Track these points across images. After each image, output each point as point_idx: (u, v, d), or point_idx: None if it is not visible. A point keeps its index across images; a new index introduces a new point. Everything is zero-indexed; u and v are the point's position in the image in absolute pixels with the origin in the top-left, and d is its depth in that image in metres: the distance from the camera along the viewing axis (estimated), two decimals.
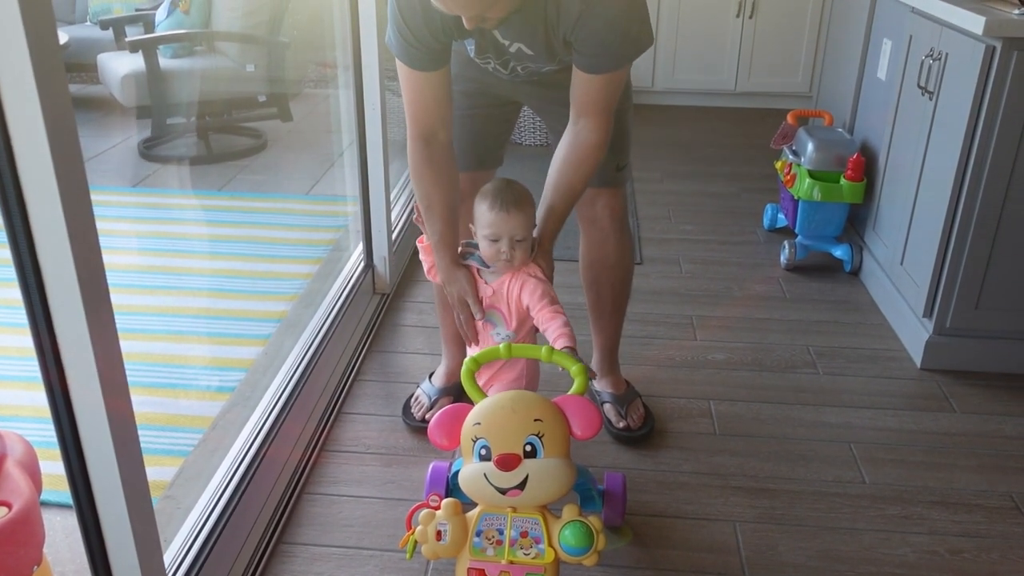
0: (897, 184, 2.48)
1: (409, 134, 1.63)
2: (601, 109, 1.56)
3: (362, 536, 1.65)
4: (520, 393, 1.36)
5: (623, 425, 1.95)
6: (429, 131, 1.61)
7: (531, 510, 1.30)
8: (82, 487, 1.13)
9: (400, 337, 2.38)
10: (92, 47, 3.99)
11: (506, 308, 1.56)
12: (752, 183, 3.60)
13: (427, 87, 1.57)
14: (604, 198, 1.82)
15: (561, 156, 1.60)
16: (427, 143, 1.61)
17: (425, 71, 1.55)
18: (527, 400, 1.33)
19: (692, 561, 1.61)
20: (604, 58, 1.50)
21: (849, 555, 1.62)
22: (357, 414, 2.03)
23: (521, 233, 1.51)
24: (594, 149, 1.58)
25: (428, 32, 1.49)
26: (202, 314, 2.56)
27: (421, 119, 1.61)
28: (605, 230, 1.85)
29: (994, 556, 1.63)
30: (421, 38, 1.50)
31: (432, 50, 1.52)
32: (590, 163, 1.59)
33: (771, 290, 2.68)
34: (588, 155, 1.58)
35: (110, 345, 1.08)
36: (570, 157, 1.59)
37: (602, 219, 1.84)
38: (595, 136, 1.57)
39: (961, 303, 2.15)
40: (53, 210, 0.96)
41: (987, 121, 1.97)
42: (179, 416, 2.06)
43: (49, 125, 0.92)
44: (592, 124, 1.56)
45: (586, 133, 1.57)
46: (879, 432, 1.99)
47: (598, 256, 1.89)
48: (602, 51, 1.49)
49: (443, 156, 1.63)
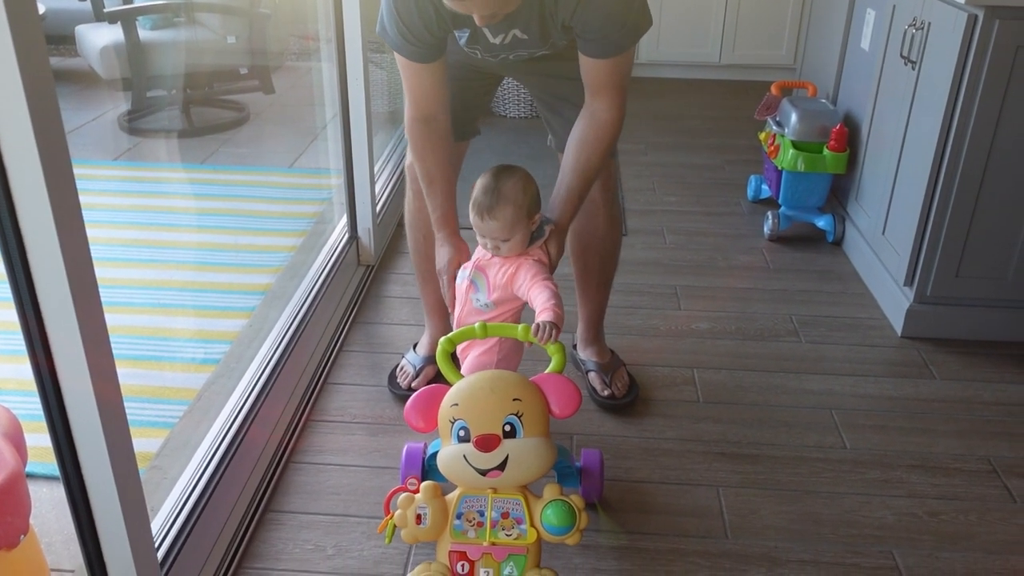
0: (880, 154, 2.50)
1: (409, 115, 1.67)
2: (613, 86, 1.59)
3: (349, 504, 1.66)
4: (498, 373, 1.36)
5: (608, 393, 1.97)
6: (430, 114, 1.65)
7: (512, 490, 1.30)
8: (69, 458, 1.13)
9: (385, 308, 2.38)
10: (70, 19, 3.92)
11: (492, 278, 1.56)
12: (736, 155, 3.60)
13: (426, 75, 1.62)
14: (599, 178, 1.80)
15: (578, 136, 1.63)
16: (427, 123, 1.65)
17: (423, 63, 1.59)
18: (505, 380, 1.32)
19: (676, 525, 1.63)
20: (606, 44, 1.53)
21: (830, 518, 1.65)
22: (343, 384, 2.03)
23: (503, 234, 1.50)
24: (610, 127, 1.61)
25: (423, 26, 1.52)
26: (186, 287, 2.55)
27: (421, 103, 1.65)
28: (596, 203, 1.84)
29: (972, 518, 1.66)
30: (417, 34, 1.53)
31: (427, 44, 1.56)
32: (607, 141, 1.62)
33: (754, 260, 2.70)
34: (605, 133, 1.61)
35: (95, 318, 1.08)
36: (587, 136, 1.62)
37: (593, 192, 1.81)
38: (610, 114, 1.60)
39: (941, 272, 2.18)
40: (36, 184, 0.96)
41: (968, 90, 1.98)
42: (164, 388, 2.05)
43: (30, 97, 0.91)
44: (606, 103, 1.60)
45: (601, 112, 1.60)
46: (860, 399, 2.02)
47: (588, 228, 1.89)
48: (602, 38, 1.52)
49: (443, 135, 1.67)
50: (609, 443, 1.84)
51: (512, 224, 1.50)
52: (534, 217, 1.53)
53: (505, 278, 1.54)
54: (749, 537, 1.60)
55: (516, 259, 1.54)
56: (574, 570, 1.50)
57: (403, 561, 1.52)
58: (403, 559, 1.53)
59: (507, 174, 1.53)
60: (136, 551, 1.21)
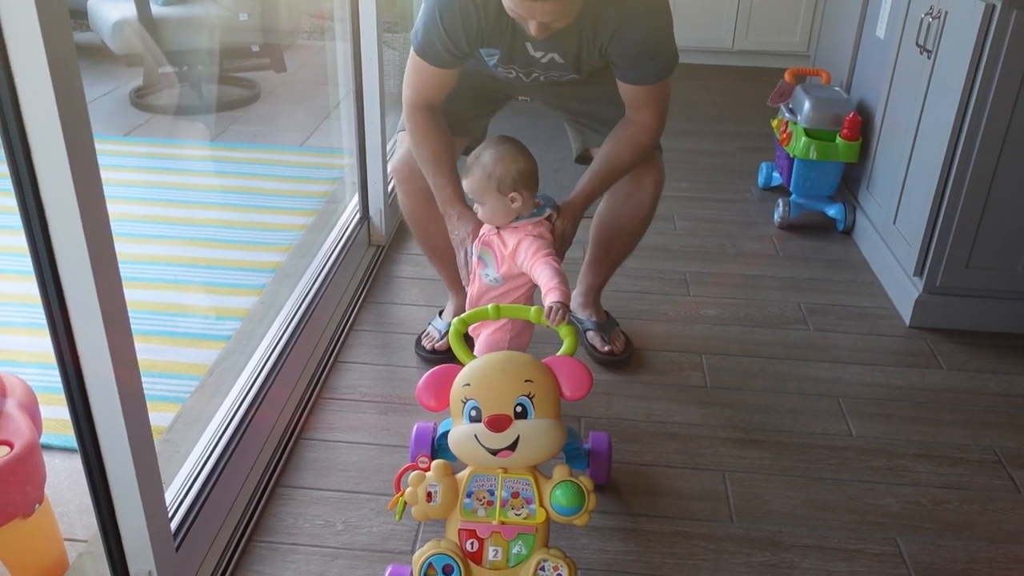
0: (892, 144, 2.49)
1: (409, 104, 1.72)
2: (653, 104, 1.70)
3: (359, 480, 1.67)
4: (510, 354, 1.37)
5: (607, 350, 2.04)
6: (432, 103, 1.72)
7: (522, 471, 1.31)
8: (86, 429, 1.15)
9: (395, 289, 2.39)
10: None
11: (498, 252, 1.59)
12: (747, 142, 3.59)
13: (438, 79, 1.69)
14: (653, 174, 1.87)
15: (615, 132, 1.73)
16: (429, 110, 1.71)
17: (441, 68, 1.65)
18: (517, 361, 1.33)
19: (682, 508, 1.64)
20: (640, 73, 1.64)
21: (835, 504, 1.66)
22: (353, 363, 2.04)
23: (475, 196, 1.57)
24: (647, 130, 1.72)
25: (464, 38, 1.58)
26: (197, 263, 2.56)
27: (424, 92, 1.71)
28: (645, 204, 1.89)
29: (975, 507, 1.67)
30: (456, 43, 1.59)
31: (454, 55, 1.62)
32: (642, 142, 1.72)
33: (764, 248, 2.70)
34: (641, 134, 1.72)
35: (115, 291, 1.10)
36: (623, 133, 1.73)
37: (647, 191, 1.87)
38: (649, 122, 1.72)
39: (952, 262, 2.18)
40: (59, 159, 0.97)
41: (984, 80, 1.98)
42: (175, 363, 2.07)
43: (54, 72, 0.92)
44: (645, 114, 1.71)
45: (641, 118, 1.71)
46: (867, 387, 2.02)
47: (626, 221, 1.92)
48: (637, 67, 1.63)
49: (442, 119, 1.74)
50: (617, 426, 1.85)
51: (481, 190, 1.56)
52: (510, 194, 1.54)
53: (508, 251, 1.57)
54: (754, 521, 1.62)
55: (517, 233, 1.57)
56: (581, 550, 1.52)
57: (412, 538, 1.54)
58: (412, 536, 1.55)
59: (497, 144, 1.58)
60: (151, 522, 1.23)
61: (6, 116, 0.95)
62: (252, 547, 1.51)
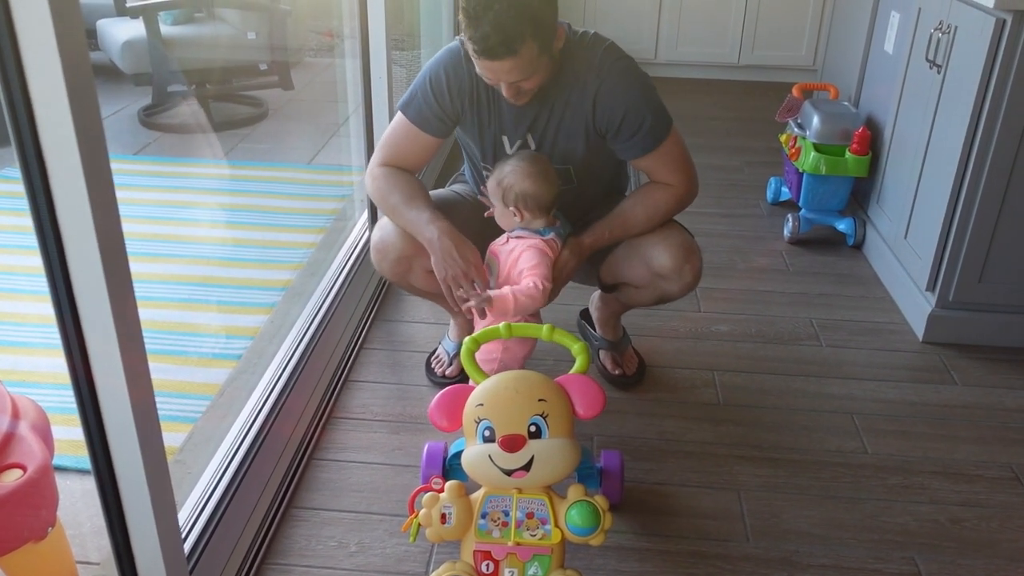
0: (902, 158, 2.48)
1: (376, 162, 1.73)
2: (667, 169, 1.68)
3: (372, 501, 1.66)
4: (523, 373, 1.36)
5: (619, 372, 2.04)
6: (398, 167, 1.72)
7: (536, 491, 1.30)
8: (100, 451, 1.14)
9: (405, 306, 2.38)
10: (91, 12, 3.93)
11: (503, 261, 1.63)
12: (755, 156, 3.59)
13: (417, 142, 1.70)
14: (693, 262, 1.73)
15: (642, 187, 1.74)
16: (393, 168, 1.72)
17: (424, 131, 1.67)
18: (530, 380, 1.33)
19: (697, 528, 1.63)
20: (639, 137, 1.63)
21: (851, 523, 1.65)
22: (364, 382, 2.04)
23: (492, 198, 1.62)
24: (662, 190, 1.70)
25: (448, 94, 1.63)
26: (206, 282, 2.56)
27: (393, 159, 1.72)
28: (681, 289, 1.77)
29: (994, 525, 1.65)
30: (440, 97, 1.63)
31: (435, 115, 1.65)
32: (654, 198, 1.70)
33: (774, 263, 2.69)
34: (655, 194, 1.70)
35: (129, 310, 1.10)
36: (640, 190, 1.73)
37: (687, 279, 1.75)
38: (669, 182, 1.69)
39: (964, 276, 2.16)
40: (75, 175, 0.96)
41: (996, 94, 1.97)
42: (186, 383, 2.06)
43: (71, 92, 0.92)
44: (666, 178, 1.69)
45: (663, 183, 1.70)
46: (881, 404, 2.01)
47: (664, 290, 1.79)
48: (632, 132, 1.62)
49: (410, 174, 1.74)
50: (629, 444, 1.84)
51: (491, 191, 1.63)
52: (511, 207, 1.62)
53: (512, 258, 1.61)
54: (770, 541, 1.60)
55: (524, 242, 1.61)
56: (596, 571, 1.50)
57: (425, 559, 1.53)
58: (425, 557, 1.53)
59: (521, 159, 1.62)
60: (164, 545, 1.22)
61: (23, 136, 0.94)
62: (265, 570, 1.50)
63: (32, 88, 0.92)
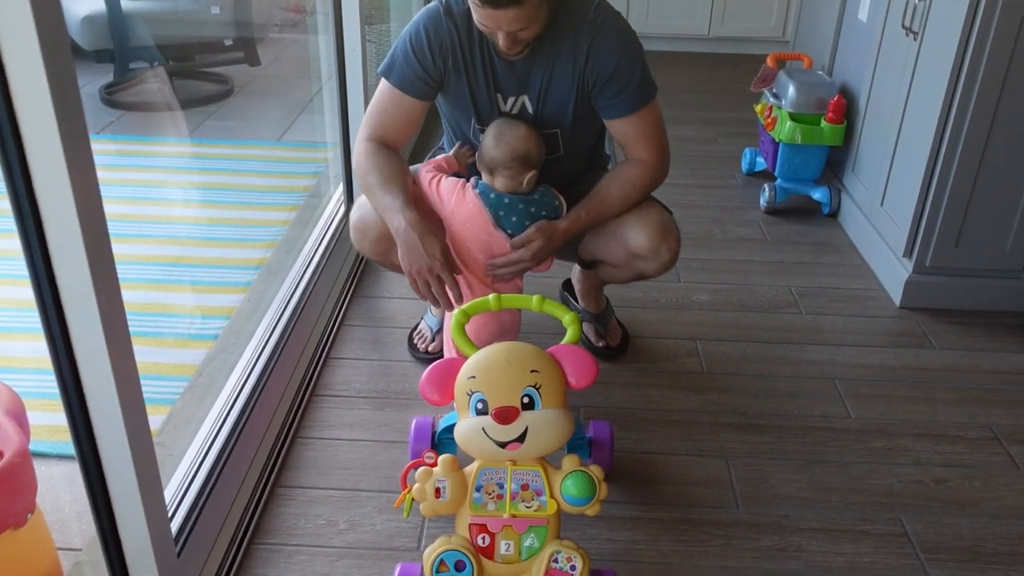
0: (878, 126, 2.49)
1: (362, 137, 1.68)
2: (648, 138, 1.66)
3: (359, 478, 1.64)
4: (515, 345, 1.34)
5: (603, 344, 2.03)
6: (385, 140, 1.67)
7: (531, 462, 1.29)
8: (84, 434, 1.11)
9: (384, 282, 2.35)
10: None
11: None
12: (728, 127, 3.59)
13: (402, 108, 1.66)
14: (670, 243, 1.71)
15: (614, 169, 1.70)
16: (381, 144, 1.67)
17: (409, 94, 1.63)
18: (522, 352, 1.31)
19: (687, 495, 1.63)
20: (625, 96, 1.61)
21: (839, 486, 1.66)
22: (346, 359, 2.01)
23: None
24: (648, 167, 1.67)
25: (430, 53, 1.59)
26: (179, 262, 2.50)
27: (380, 129, 1.67)
28: (659, 269, 1.75)
29: (976, 484, 1.68)
30: (422, 58, 1.60)
31: (419, 77, 1.61)
32: (641, 180, 1.67)
33: (752, 233, 2.70)
34: (630, 171, 1.67)
35: (112, 291, 1.06)
36: (615, 169, 1.69)
37: (664, 259, 1.73)
38: (648, 158, 1.67)
39: (941, 242, 2.19)
40: (54, 156, 0.95)
41: (973, 60, 1.98)
42: (163, 364, 2.02)
43: (50, 73, 0.89)
44: (643, 151, 1.67)
45: (640, 156, 1.67)
46: (862, 368, 2.03)
47: (640, 270, 1.78)
48: (618, 89, 1.60)
49: (395, 152, 1.68)
50: (616, 415, 1.84)
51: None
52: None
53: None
54: (760, 506, 1.61)
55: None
56: (588, 541, 1.50)
57: (417, 535, 1.52)
58: (417, 533, 1.52)
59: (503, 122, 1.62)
60: (152, 528, 1.20)
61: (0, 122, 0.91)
62: (254, 550, 1.48)
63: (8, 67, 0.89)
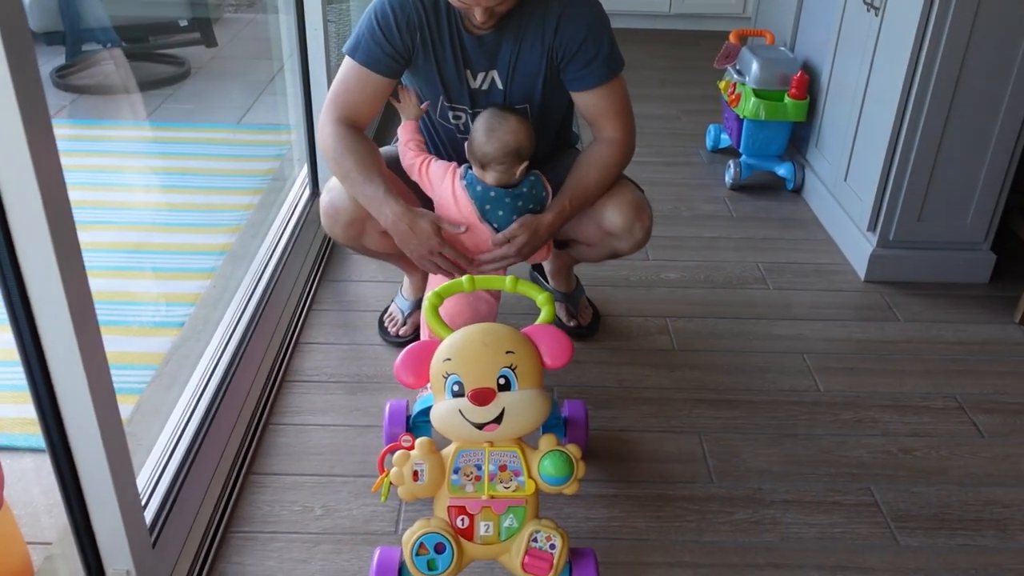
0: (841, 101, 2.52)
1: (329, 119, 1.63)
2: (615, 112, 1.64)
3: (334, 463, 1.63)
4: (490, 326, 1.34)
5: (574, 324, 2.04)
6: (352, 121, 1.63)
7: (508, 443, 1.28)
8: (54, 424, 1.08)
9: (351, 265, 2.33)
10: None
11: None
12: (691, 105, 3.60)
13: (369, 87, 1.62)
14: (643, 220, 1.73)
15: (583, 154, 1.68)
16: (349, 126, 1.63)
17: (376, 71, 1.60)
18: (497, 333, 1.30)
19: (662, 472, 1.65)
20: (593, 68, 1.59)
21: (809, 458, 1.69)
22: (316, 344, 1.99)
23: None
24: (616, 145, 1.65)
25: (396, 28, 1.56)
26: (140, 248, 2.45)
27: (346, 108, 1.63)
28: (632, 247, 1.77)
29: (943, 453, 1.71)
30: (389, 33, 1.56)
31: (385, 53, 1.58)
32: (612, 159, 1.65)
33: (718, 209, 2.72)
34: (604, 151, 1.65)
35: (79, 279, 1.04)
36: (587, 151, 1.67)
37: (638, 237, 1.75)
38: (615, 135, 1.65)
39: (904, 216, 2.22)
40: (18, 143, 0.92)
41: (934, 36, 2.00)
42: (128, 353, 1.98)
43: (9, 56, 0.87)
44: (610, 127, 1.65)
45: (605, 137, 1.65)
46: (829, 342, 2.06)
47: (613, 248, 1.80)
48: (587, 61, 1.58)
49: (364, 134, 1.66)
50: (590, 393, 1.84)
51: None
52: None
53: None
54: (733, 480, 1.63)
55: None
56: (567, 519, 1.51)
57: (394, 519, 1.51)
58: (394, 516, 1.51)
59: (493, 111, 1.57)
60: (127, 519, 1.18)
61: None
62: (230, 538, 1.46)
63: None
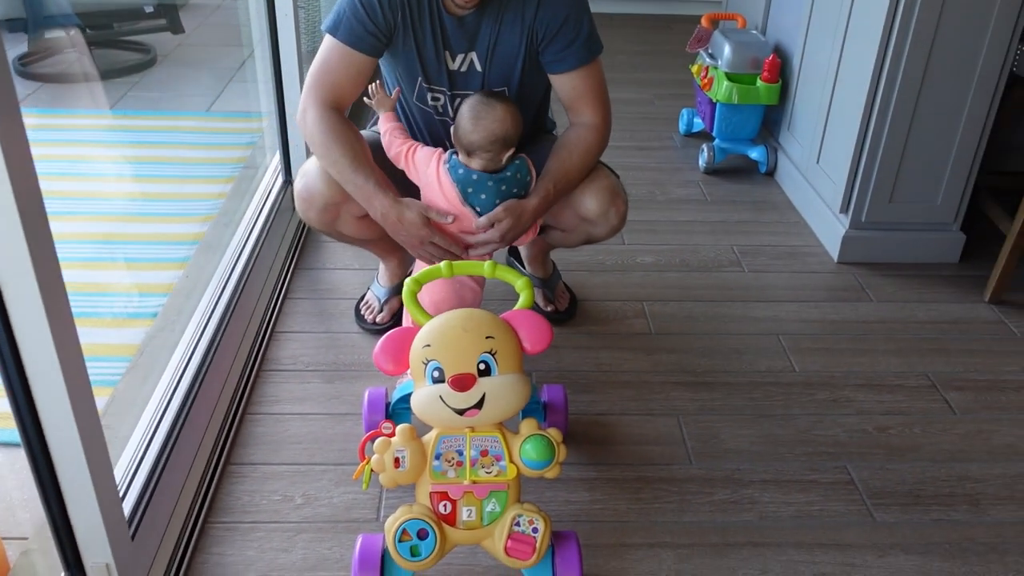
0: (812, 85, 2.53)
1: (312, 102, 1.60)
2: (592, 96, 1.64)
3: (313, 452, 1.62)
4: (469, 311, 1.33)
5: (551, 309, 2.05)
6: (335, 103, 1.61)
7: (489, 428, 1.28)
8: (28, 417, 1.07)
9: (326, 253, 2.31)
10: None
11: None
12: (664, 89, 3.61)
13: (352, 67, 1.60)
14: (619, 206, 1.74)
15: (560, 140, 1.66)
16: (335, 110, 1.61)
17: (358, 50, 1.57)
18: (477, 318, 1.30)
19: (641, 454, 1.66)
20: (573, 50, 1.59)
21: (786, 438, 1.71)
22: (292, 332, 1.97)
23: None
24: (593, 130, 1.65)
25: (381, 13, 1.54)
26: (110, 239, 2.41)
27: (329, 89, 1.61)
28: (608, 232, 1.78)
29: (917, 431, 1.74)
30: (371, 8, 1.54)
31: (368, 31, 1.56)
32: (584, 139, 1.64)
33: (692, 193, 2.73)
34: (583, 135, 1.64)
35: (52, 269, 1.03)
36: (567, 135, 1.66)
37: (613, 222, 1.76)
38: (593, 119, 1.64)
39: (876, 198, 2.24)
40: None
41: (904, 18, 2.02)
42: (101, 345, 1.95)
43: None
44: (587, 111, 1.64)
45: (584, 119, 1.64)
46: (804, 323, 2.08)
47: (592, 234, 1.80)
48: (567, 43, 1.58)
49: (349, 120, 1.64)
50: (568, 378, 1.85)
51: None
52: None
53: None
54: (712, 461, 1.64)
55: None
56: (548, 503, 1.51)
57: (375, 506, 1.51)
58: (375, 503, 1.51)
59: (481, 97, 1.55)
60: (105, 512, 1.16)
61: None
62: (209, 529, 1.45)
63: None
